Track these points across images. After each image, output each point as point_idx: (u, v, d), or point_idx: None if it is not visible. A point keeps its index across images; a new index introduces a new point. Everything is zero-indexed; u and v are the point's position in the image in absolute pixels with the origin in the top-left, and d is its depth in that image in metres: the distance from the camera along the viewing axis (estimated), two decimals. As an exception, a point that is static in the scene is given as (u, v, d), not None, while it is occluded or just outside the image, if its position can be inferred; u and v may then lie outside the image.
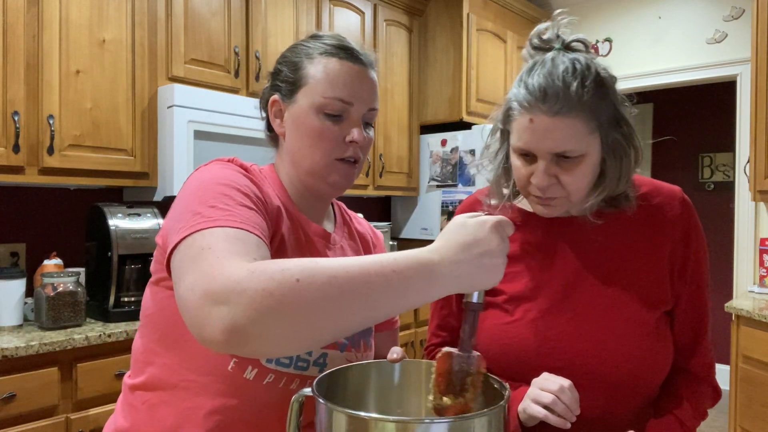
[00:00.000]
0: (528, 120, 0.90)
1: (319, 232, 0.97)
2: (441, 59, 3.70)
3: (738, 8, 3.59)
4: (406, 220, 3.91)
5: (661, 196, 1.03)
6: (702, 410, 1.00)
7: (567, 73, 0.89)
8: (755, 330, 2.58)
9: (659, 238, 1.00)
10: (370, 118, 0.96)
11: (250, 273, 0.62)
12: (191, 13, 2.51)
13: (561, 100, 0.88)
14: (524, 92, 0.91)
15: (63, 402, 1.88)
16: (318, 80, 0.91)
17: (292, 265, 0.63)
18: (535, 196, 0.96)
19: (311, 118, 0.91)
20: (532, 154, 0.93)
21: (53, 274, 2.06)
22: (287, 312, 0.61)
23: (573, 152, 0.90)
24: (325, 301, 0.62)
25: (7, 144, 1.99)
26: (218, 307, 0.61)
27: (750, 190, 3.11)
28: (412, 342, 3.22)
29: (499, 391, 0.75)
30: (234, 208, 0.76)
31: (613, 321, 0.95)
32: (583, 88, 0.88)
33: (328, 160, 0.92)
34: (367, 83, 0.94)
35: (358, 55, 0.94)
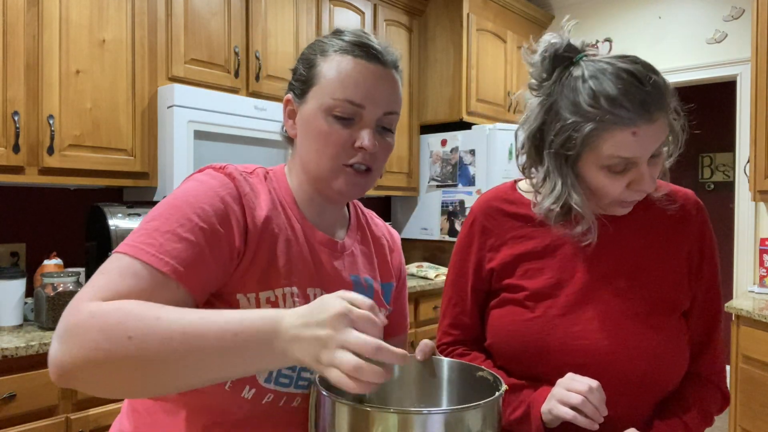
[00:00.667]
0: (630, 134, 0.86)
1: (324, 241, 0.92)
2: (441, 59, 3.70)
3: (738, 8, 3.59)
4: (406, 220, 3.91)
5: (678, 199, 1.04)
6: (708, 415, 0.99)
7: (647, 77, 0.87)
8: (755, 330, 2.58)
9: (677, 238, 1.02)
10: (388, 123, 0.88)
11: (90, 317, 0.64)
12: (191, 13, 2.51)
13: (658, 104, 0.86)
14: (612, 108, 0.85)
15: (63, 402, 1.88)
16: (329, 80, 0.85)
17: (131, 319, 0.64)
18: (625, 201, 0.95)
19: (319, 120, 0.85)
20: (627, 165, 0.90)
21: (53, 274, 2.06)
22: (112, 367, 0.63)
23: (660, 149, 0.91)
24: (152, 363, 0.63)
25: (7, 144, 1.99)
26: (57, 343, 0.65)
27: (750, 190, 3.11)
28: (412, 342, 3.22)
29: (493, 385, 0.77)
30: (162, 236, 0.74)
31: (634, 320, 0.96)
32: (666, 85, 0.88)
33: (334, 166, 0.86)
34: (385, 84, 0.86)
35: (377, 53, 0.86)
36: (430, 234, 3.75)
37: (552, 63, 0.94)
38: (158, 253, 0.73)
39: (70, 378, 0.64)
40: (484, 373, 0.81)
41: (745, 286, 3.50)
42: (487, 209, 1.10)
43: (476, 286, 1.09)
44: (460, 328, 1.11)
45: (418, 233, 3.82)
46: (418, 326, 3.27)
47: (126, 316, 0.64)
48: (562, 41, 0.93)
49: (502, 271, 1.05)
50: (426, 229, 3.78)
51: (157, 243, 0.74)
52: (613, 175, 0.91)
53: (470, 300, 1.10)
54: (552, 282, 1.00)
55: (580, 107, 0.88)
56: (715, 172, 5.23)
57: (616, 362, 0.94)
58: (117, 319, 0.64)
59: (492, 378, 0.79)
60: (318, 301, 0.64)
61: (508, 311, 1.02)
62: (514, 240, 1.05)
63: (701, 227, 1.03)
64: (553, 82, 0.93)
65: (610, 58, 0.91)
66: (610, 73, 0.87)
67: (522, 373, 1.00)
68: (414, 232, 3.84)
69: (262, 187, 0.88)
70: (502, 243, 1.07)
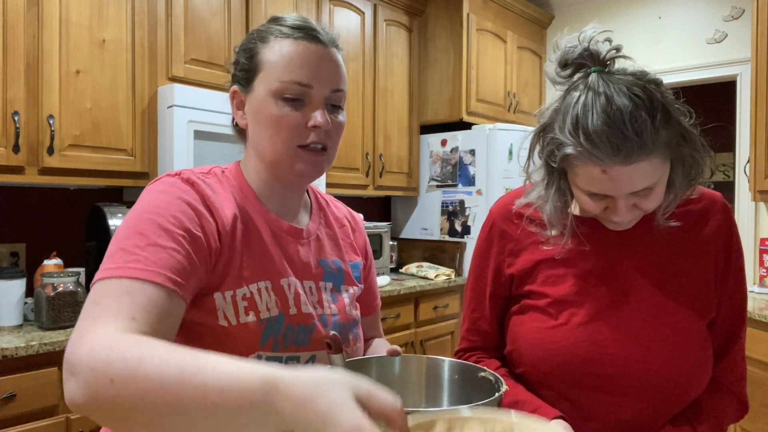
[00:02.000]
0: (600, 171, 0.84)
1: (289, 230, 0.93)
2: (441, 59, 3.70)
3: (738, 8, 3.59)
4: (406, 220, 3.90)
5: (704, 201, 1.02)
6: (721, 423, 0.97)
7: (633, 118, 0.81)
8: (755, 330, 2.58)
9: (704, 244, 0.99)
10: (337, 101, 0.90)
11: (89, 352, 0.60)
12: (191, 13, 2.51)
13: (637, 150, 0.81)
14: (588, 145, 0.82)
15: (63, 402, 1.88)
16: (273, 64, 0.86)
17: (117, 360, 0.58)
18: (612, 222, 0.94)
19: (269, 105, 0.85)
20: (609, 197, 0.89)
21: (53, 274, 2.06)
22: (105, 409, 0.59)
23: (652, 184, 0.86)
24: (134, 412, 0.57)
25: (7, 144, 1.99)
26: (71, 378, 0.61)
27: (750, 190, 3.11)
28: (412, 342, 3.22)
29: (494, 386, 0.77)
30: (143, 251, 0.73)
31: (662, 328, 0.93)
32: (655, 129, 0.82)
33: (290, 148, 0.86)
34: (328, 63, 0.88)
35: (316, 34, 0.88)
36: (430, 234, 3.75)
37: (564, 68, 0.91)
38: (147, 267, 0.71)
39: (84, 411, 0.61)
40: (486, 373, 0.81)
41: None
42: (506, 213, 1.08)
43: (495, 291, 1.07)
44: (478, 334, 1.09)
45: (418, 233, 3.82)
46: (418, 326, 3.27)
47: (114, 356, 0.59)
48: (571, 49, 0.90)
49: (522, 276, 1.03)
50: (426, 229, 3.78)
51: (142, 257, 0.72)
52: (592, 198, 0.90)
53: (489, 306, 1.08)
54: (575, 289, 0.98)
55: (564, 128, 0.86)
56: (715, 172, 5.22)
57: (641, 372, 0.92)
58: (105, 358, 0.59)
59: (493, 378, 0.79)
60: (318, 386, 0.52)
61: (530, 318, 1.00)
62: (535, 245, 1.03)
63: (727, 231, 1.00)
64: (567, 88, 0.90)
65: (621, 80, 0.85)
66: (602, 105, 0.83)
67: (544, 382, 0.98)
68: (414, 232, 3.84)
69: (221, 186, 0.88)
70: (521, 248, 1.04)
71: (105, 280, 0.71)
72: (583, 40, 0.89)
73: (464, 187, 3.59)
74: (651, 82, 0.86)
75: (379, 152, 3.49)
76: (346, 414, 0.48)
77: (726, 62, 3.64)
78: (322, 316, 0.92)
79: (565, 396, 0.96)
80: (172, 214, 0.78)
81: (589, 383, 0.93)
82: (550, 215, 0.97)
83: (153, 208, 0.79)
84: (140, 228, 0.76)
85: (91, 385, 0.59)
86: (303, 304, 0.89)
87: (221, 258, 0.83)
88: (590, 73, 0.88)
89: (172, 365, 0.57)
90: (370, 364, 0.86)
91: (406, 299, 3.16)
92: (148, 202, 0.80)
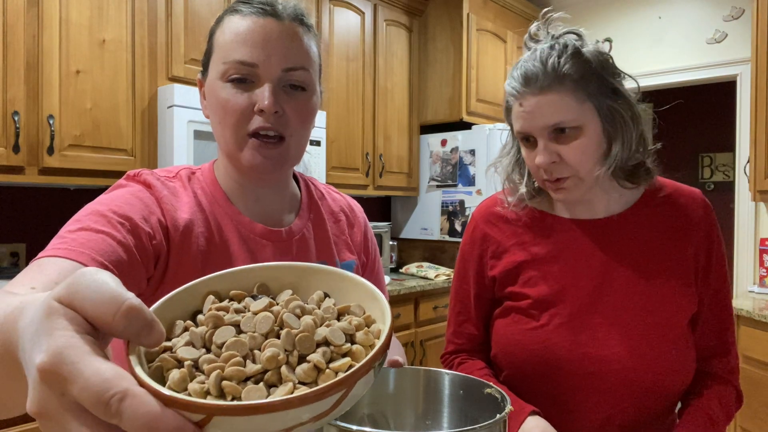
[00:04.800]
0: (518, 105, 0.95)
1: (264, 233, 0.84)
2: (441, 59, 3.70)
3: (738, 8, 3.59)
4: (406, 220, 3.91)
5: (683, 198, 1.03)
6: (728, 410, 0.98)
7: (543, 53, 0.93)
8: (755, 330, 2.58)
9: (683, 240, 0.99)
10: (298, 80, 0.78)
11: None
12: (191, 13, 2.51)
13: (541, 77, 0.91)
14: (511, 82, 0.96)
15: (63, 402, 1.88)
16: (221, 44, 0.78)
17: None
18: (545, 180, 0.96)
19: (217, 89, 0.77)
20: (532, 137, 0.95)
21: (53, 274, 2.06)
22: None
23: (567, 123, 0.92)
24: None
25: (7, 144, 1.99)
26: None
27: (750, 190, 3.11)
28: (411, 342, 3.22)
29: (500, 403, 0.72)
30: (72, 234, 0.66)
31: (642, 325, 0.94)
32: (560, 62, 0.91)
33: (238, 137, 0.77)
34: (282, 39, 0.76)
35: (269, 7, 0.77)
36: (430, 234, 3.75)
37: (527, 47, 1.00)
38: (71, 247, 0.64)
39: None
40: (492, 390, 0.75)
41: (745, 286, 3.50)
42: (488, 215, 1.09)
43: (479, 294, 1.07)
44: (464, 336, 1.10)
45: (418, 233, 3.82)
46: (418, 326, 3.27)
47: None
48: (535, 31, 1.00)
49: (504, 278, 1.04)
50: (426, 229, 3.78)
51: (69, 239, 0.66)
52: (524, 146, 0.98)
53: (473, 308, 1.08)
54: (556, 289, 0.98)
55: (507, 82, 0.98)
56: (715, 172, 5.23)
57: (622, 369, 0.92)
58: None
59: (499, 396, 0.73)
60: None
61: (513, 320, 1.00)
62: (516, 247, 1.04)
63: (708, 228, 1.00)
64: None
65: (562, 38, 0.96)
66: (530, 53, 0.96)
67: (528, 384, 0.98)
68: (414, 232, 3.84)
69: (184, 191, 0.81)
70: (503, 250, 1.05)
71: (37, 260, 0.64)
72: (546, 25, 0.99)
73: (464, 187, 3.59)
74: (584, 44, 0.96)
75: (379, 152, 3.49)
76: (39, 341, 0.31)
77: (726, 62, 3.64)
78: None
79: (549, 397, 0.96)
80: (116, 204, 0.72)
81: (572, 383, 0.94)
82: (504, 180, 1.07)
83: (99, 200, 0.73)
84: (78, 216, 0.70)
85: None
86: None
87: (169, 260, 0.75)
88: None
89: None
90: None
91: (406, 299, 3.16)
92: (100, 197, 0.76)
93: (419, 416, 0.80)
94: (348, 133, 3.29)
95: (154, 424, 0.29)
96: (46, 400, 0.30)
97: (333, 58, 3.19)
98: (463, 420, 0.78)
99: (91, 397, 0.29)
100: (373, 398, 0.80)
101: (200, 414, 0.31)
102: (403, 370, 0.82)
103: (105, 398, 0.29)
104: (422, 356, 3.26)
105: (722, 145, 5.07)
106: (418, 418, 0.80)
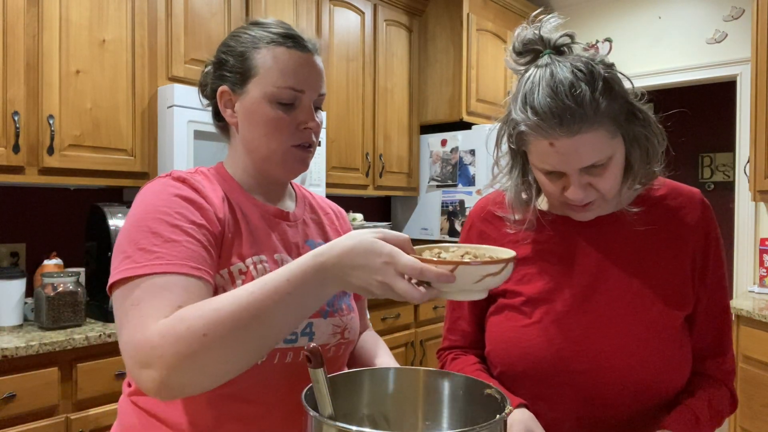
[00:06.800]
0: (548, 144, 0.87)
1: (277, 213, 0.99)
2: (441, 59, 3.70)
3: (738, 8, 3.59)
4: (406, 220, 3.91)
5: (681, 198, 1.02)
6: (719, 412, 0.97)
7: (574, 88, 0.85)
8: (755, 330, 2.58)
9: (680, 240, 0.99)
10: (319, 103, 0.98)
11: (161, 337, 0.70)
12: (191, 13, 2.51)
13: (578, 119, 0.84)
14: (534, 118, 0.87)
15: (63, 402, 1.88)
16: (268, 70, 0.93)
17: (197, 319, 0.70)
18: (572, 205, 0.95)
19: (264, 107, 0.93)
20: (559, 172, 0.91)
21: (53, 274, 2.06)
22: (202, 363, 0.70)
23: (602, 160, 0.89)
24: (234, 343, 0.70)
25: (7, 144, 1.99)
26: (145, 371, 0.70)
27: (750, 190, 3.11)
28: (412, 342, 3.22)
29: (500, 404, 0.72)
30: (161, 247, 0.79)
31: (635, 323, 0.93)
32: (595, 99, 0.85)
33: (284, 148, 0.94)
34: (315, 69, 0.96)
35: (305, 42, 0.95)
36: (430, 234, 3.75)
37: (520, 55, 0.96)
38: (170, 261, 0.78)
39: (172, 390, 0.71)
40: (492, 390, 0.75)
41: (745, 286, 3.50)
42: (484, 214, 1.10)
43: None
44: (458, 333, 1.11)
45: (418, 233, 3.82)
46: (418, 326, 3.27)
47: (192, 317, 0.70)
48: (524, 34, 0.95)
49: None
50: (426, 229, 3.78)
51: (164, 253, 0.78)
52: (548, 177, 0.93)
53: (467, 306, 1.09)
54: (549, 287, 0.98)
55: (516, 107, 0.90)
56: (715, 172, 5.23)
57: (617, 367, 0.92)
58: (185, 324, 0.70)
59: (500, 396, 0.73)
60: (355, 242, 0.71)
61: (505, 318, 1.01)
62: (511, 244, 1.04)
63: (706, 227, 1.00)
64: (523, 72, 0.94)
65: (570, 60, 0.89)
66: (546, 80, 0.87)
67: (520, 381, 0.98)
68: (414, 232, 3.84)
69: (208, 181, 0.95)
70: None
71: (133, 281, 0.76)
72: (536, 28, 0.94)
73: (464, 187, 3.59)
74: (597, 62, 0.90)
75: (379, 152, 3.49)
76: (376, 266, 0.70)
77: (726, 62, 3.64)
78: None
79: (541, 395, 0.96)
80: (176, 211, 0.84)
81: (563, 380, 0.94)
82: (511, 200, 1.02)
83: (157, 207, 0.84)
84: (152, 228, 0.81)
85: (183, 354, 0.68)
86: None
87: (223, 240, 0.89)
88: (543, 56, 0.92)
89: (242, 296, 0.71)
90: (363, 377, 0.81)
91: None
92: (149, 202, 0.85)
93: (419, 417, 0.80)
94: (348, 133, 3.29)
95: (428, 272, 0.69)
96: (390, 276, 0.69)
97: (333, 58, 3.19)
98: (463, 420, 0.78)
99: (406, 268, 0.69)
100: (373, 398, 0.80)
101: (451, 266, 0.70)
102: (403, 371, 0.82)
103: (417, 267, 0.68)
104: (422, 356, 3.26)
105: (722, 145, 5.07)
106: (417, 419, 0.80)
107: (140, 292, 0.75)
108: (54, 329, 1.98)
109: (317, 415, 0.64)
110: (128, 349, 0.73)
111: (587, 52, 0.94)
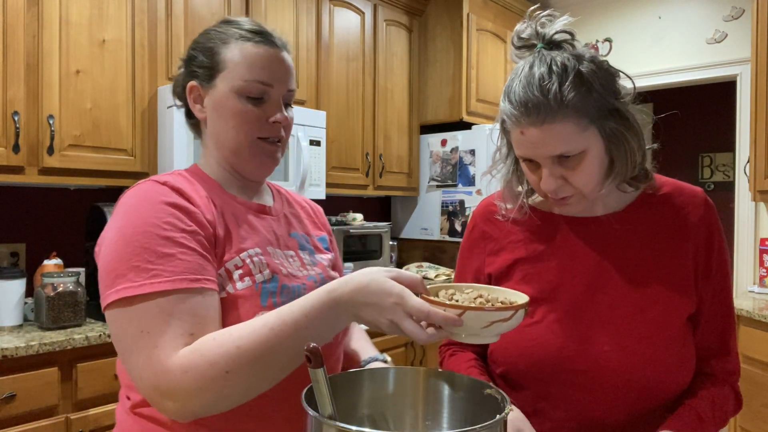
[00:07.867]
0: (519, 133, 0.92)
1: (259, 208, 1.00)
2: (441, 59, 3.70)
3: (738, 8, 3.59)
4: (406, 220, 3.90)
5: (683, 197, 1.02)
6: (722, 413, 0.97)
7: (543, 80, 0.88)
8: (755, 330, 2.58)
9: (683, 239, 0.99)
10: (289, 99, 0.98)
11: (183, 373, 0.73)
12: (191, 13, 2.51)
13: (543, 110, 0.88)
14: (509, 106, 0.91)
15: (63, 402, 1.88)
16: (236, 64, 0.93)
17: (219, 357, 0.73)
18: (548, 196, 0.97)
19: (233, 101, 0.93)
20: (534, 160, 0.94)
21: (53, 274, 2.06)
22: (224, 394, 0.74)
23: (571, 152, 0.90)
24: (255, 376, 0.75)
25: (7, 144, 1.99)
26: (169, 402, 0.74)
27: (750, 190, 3.11)
28: (412, 342, 3.22)
29: (500, 404, 0.72)
30: (156, 263, 0.78)
31: (638, 322, 0.93)
32: (562, 92, 0.87)
33: (251, 140, 0.95)
34: (284, 65, 0.96)
35: (273, 38, 0.96)
36: (430, 234, 3.75)
37: (519, 49, 0.98)
38: (168, 278, 0.78)
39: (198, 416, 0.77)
40: (492, 390, 0.75)
41: (745, 286, 3.50)
42: (487, 214, 1.10)
43: None
44: None
45: (418, 233, 3.82)
46: (418, 326, 3.26)
47: (210, 358, 0.73)
48: (522, 29, 0.97)
49: (500, 275, 1.04)
50: (426, 229, 3.78)
51: (160, 270, 0.78)
52: (527, 165, 0.97)
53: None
54: (551, 286, 0.98)
55: (503, 97, 0.95)
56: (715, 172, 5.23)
57: (619, 367, 0.92)
58: (207, 362, 0.73)
59: (500, 397, 0.73)
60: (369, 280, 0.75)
61: None
62: (513, 244, 1.04)
63: (709, 227, 1.00)
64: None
65: (554, 53, 0.92)
66: (525, 72, 0.91)
67: (522, 380, 0.98)
68: (414, 232, 3.84)
69: (189, 182, 0.93)
70: (501, 248, 1.06)
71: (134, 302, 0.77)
72: (533, 23, 0.96)
73: (464, 187, 3.59)
74: (580, 57, 0.91)
75: (379, 152, 3.49)
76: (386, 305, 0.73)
77: (726, 62, 3.64)
78: (310, 275, 0.98)
79: (543, 394, 0.96)
80: (165, 221, 0.82)
81: (565, 380, 0.93)
82: (504, 187, 1.05)
83: (144, 219, 0.82)
84: (142, 243, 0.79)
85: (206, 389, 0.73)
86: (290, 266, 0.96)
87: (216, 240, 0.89)
88: (538, 49, 0.94)
89: (261, 331, 0.74)
90: (363, 377, 0.81)
91: (406, 299, 3.16)
92: (135, 213, 0.83)
93: (419, 417, 0.80)
94: (348, 133, 3.29)
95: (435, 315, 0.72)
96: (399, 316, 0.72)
97: (333, 58, 3.19)
98: (463, 420, 0.78)
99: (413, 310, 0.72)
100: (372, 398, 0.80)
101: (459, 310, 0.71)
102: (403, 371, 0.82)
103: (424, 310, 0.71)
104: (422, 356, 3.26)
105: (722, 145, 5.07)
106: (417, 419, 0.80)
107: (146, 318, 0.76)
108: (54, 329, 1.98)
109: (317, 415, 0.64)
110: (146, 378, 0.75)
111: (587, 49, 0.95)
